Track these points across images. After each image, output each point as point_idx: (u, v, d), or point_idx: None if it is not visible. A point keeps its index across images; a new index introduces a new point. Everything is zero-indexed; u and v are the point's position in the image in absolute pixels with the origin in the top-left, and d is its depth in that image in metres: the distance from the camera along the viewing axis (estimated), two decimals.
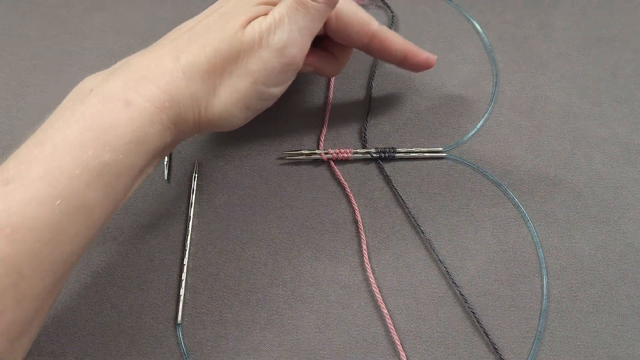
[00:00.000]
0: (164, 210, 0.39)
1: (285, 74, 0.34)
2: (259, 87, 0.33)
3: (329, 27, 0.36)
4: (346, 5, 0.36)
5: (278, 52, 0.32)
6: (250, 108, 0.34)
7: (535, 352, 0.35)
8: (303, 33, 0.33)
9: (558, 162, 0.41)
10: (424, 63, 0.39)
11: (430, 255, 0.38)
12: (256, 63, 0.32)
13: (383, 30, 0.37)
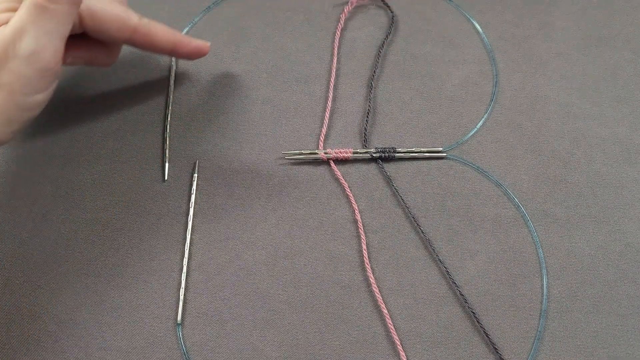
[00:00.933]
0: (164, 210, 0.39)
1: (44, 80, 0.32)
2: (18, 99, 0.31)
3: (85, 25, 0.35)
4: (99, 3, 0.35)
5: (29, 60, 0.31)
6: (14, 121, 0.32)
7: (535, 352, 0.35)
8: (52, 37, 0.31)
9: (558, 162, 0.41)
10: (196, 51, 0.39)
11: (430, 255, 0.38)
12: (7, 75, 0.31)
13: (145, 24, 0.36)
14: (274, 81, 0.44)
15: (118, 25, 0.35)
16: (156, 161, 0.41)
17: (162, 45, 0.38)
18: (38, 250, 0.38)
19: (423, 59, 0.45)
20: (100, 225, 0.39)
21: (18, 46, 0.30)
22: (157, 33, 0.37)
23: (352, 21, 0.46)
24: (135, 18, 0.36)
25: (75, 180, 0.40)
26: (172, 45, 0.38)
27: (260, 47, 0.45)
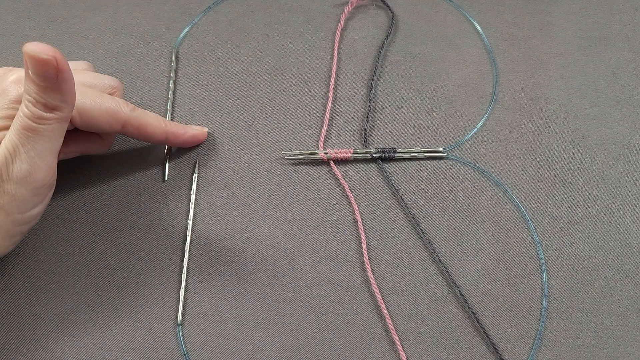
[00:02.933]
0: (164, 210, 0.39)
1: (40, 195, 0.32)
2: (15, 217, 0.31)
3: (75, 123, 0.34)
4: (89, 100, 0.34)
5: (23, 182, 0.30)
6: (13, 235, 0.32)
7: (535, 352, 0.35)
8: (44, 156, 0.31)
9: (558, 162, 0.41)
10: (191, 140, 0.39)
11: (430, 255, 0.38)
12: (2, 198, 0.30)
13: (136, 117, 0.36)
14: (274, 81, 0.44)
15: (109, 119, 0.35)
16: (156, 161, 0.41)
17: (154, 136, 0.37)
18: (38, 250, 0.38)
19: (423, 59, 0.45)
20: (100, 226, 0.39)
21: (11, 169, 0.30)
22: (150, 124, 0.37)
23: (352, 21, 0.46)
24: (125, 110, 0.35)
25: (75, 180, 0.40)
26: (165, 135, 0.38)
27: (260, 47, 0.45)
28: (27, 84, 0.30)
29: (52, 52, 0.28)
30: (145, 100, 0.43)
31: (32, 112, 0.30)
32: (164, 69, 0.44)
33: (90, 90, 0.35)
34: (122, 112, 0.35)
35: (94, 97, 0.34)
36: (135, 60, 0.45)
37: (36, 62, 0.29)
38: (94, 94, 0.34)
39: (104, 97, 0.35)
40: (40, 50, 0.28)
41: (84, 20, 0.46)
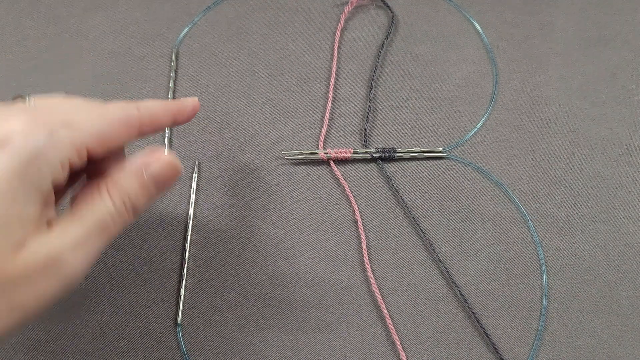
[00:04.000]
0: (164, 210, 0.39)
1: (62, 293, 0.26)
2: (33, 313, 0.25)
3: (97, 155, 0.28)
4: (102, 126, 0.27)
5: (67, 279, 0.25)
6: (31, 319, 0.26)
7: (535, 352, 0.35)
8: (100, 251, 0.26)
9: (558, 162, 0.41)
10: (192, 112, 0.33)
11: (430, 255, 0.38)
12: (32, 292, 0.24)
13: (145, 113, 0.30)
14: (274, 81, 0.44)
15: (126, 132, 0.29)
16: None
17: (163, 125, 0.31)
18: None
19: (423, 59, 0.45)
20: None
21: (63, 266, 0.25)
22: (158, 113, 0.31)
23: (352, 21, 0.46)
24: (134, 112, 0.29)
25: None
26: (173, 119, 0.32)
27: (260, 47, 0.45)
28: (130, 183, 0.27)
29: (179, 162, 0.27)
30: None
31: (120, 214, 0.27)
32: (164, 69, 0.44)
33: (88, 104, 0.28)
34: (131, 116, 0.29)
35: (102, 118, 0.28)
36: (135, 60, 0.45)
37: (172, 173, 0.27)
38: (97, 109, 0.28)
39: (106, 108, 0.28)
40: (177, 162, 0.27)
41: (84, 20, 0.46)
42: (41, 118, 0.26)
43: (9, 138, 0.24)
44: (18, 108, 0.27)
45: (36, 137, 0.25)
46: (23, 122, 0.25)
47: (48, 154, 0.25)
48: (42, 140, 0.25)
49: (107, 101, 0.28)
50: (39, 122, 0.25)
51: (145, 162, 0.28)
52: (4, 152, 0.24)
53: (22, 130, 0.25)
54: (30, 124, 0.25)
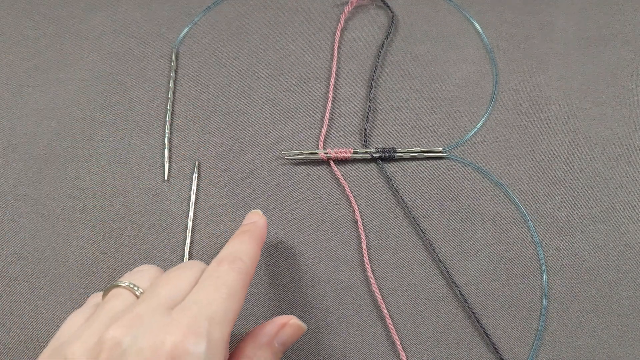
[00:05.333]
0: (164, 210, 0.39)
1: None
2: None
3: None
4: (234, 308, 0.28)
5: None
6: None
7: (535, 352, 0.35)
8: None
9: (558, 162, 0.41)
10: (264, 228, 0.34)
11: (430, 255, 0.38)
12: None
13: (250, 264, 0.30)
14: (274, 81, 0.44)
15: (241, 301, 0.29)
16: (157, 161, 0.41)
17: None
18: (38, 250, 0.38)
19: (423, 59, 0.45)
20: (100, 225, 0.39)
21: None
22: (256, 256, 0.32)
23: (352, 21, 0.46)
24: (248, 279, 0.30)
25: (75, 180, 0.40)
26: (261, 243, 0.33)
27: (260, 47, 0.45)
28: (265, 356, 0.29)
29: (302, 323, 0.30)
30: (145, 100, 0.43)
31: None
32: (164, 69, 0.44)
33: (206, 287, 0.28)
34: (247, 281, 0.30)
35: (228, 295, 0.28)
36: (135, 60, 0.45)
37: (299, 334, 0.30)
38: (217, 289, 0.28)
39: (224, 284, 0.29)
40: (301, 324, 0.30)
41: (83, 20, 0.46)
42: (194, 326, 0.26)
43: (178, 355, 0.25)
44: (166, 316, 0.27)
45: (213, 349, 0.26)
46: (183, 335, 0.25)
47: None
48: (215, 351, 0.26)
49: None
50: (197, 331, 0.26)
51: (274, 332, 0.30)
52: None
53: (191, 346, 0.25)
54: (190, 336, 0.26)
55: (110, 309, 0.28)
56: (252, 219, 0.34)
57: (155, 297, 0.28)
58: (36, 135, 0.42)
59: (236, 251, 0.30)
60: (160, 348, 0.25)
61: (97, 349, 0.26)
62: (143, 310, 0.27)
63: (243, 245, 0.31)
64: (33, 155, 0.41)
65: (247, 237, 0.32)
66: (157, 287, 0.28)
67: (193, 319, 0.26)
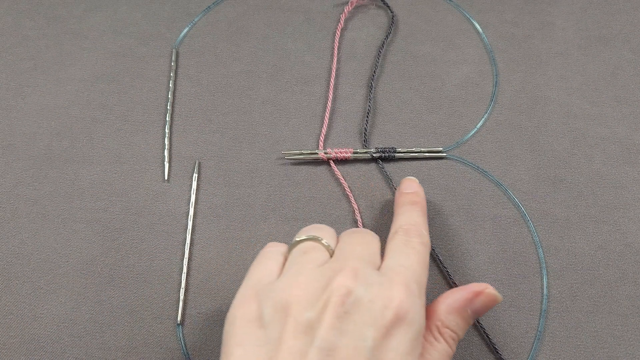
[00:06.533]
0: (164, 210, 0.39)
1: None
2: None
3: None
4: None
5: None
6: None
7: (535, 352, 0.35)
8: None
9: (558, 162, 0.41)
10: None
11: (431, 255, 0.38)
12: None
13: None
14: (274, 81, 0.44)
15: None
16: (157, 161, 0.41)
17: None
18: (38, 250, 0.38)
19: (423, 59, 0.45)
20: (100, 225, 0.39)
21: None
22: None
23: (352, 21, 0.46)
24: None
25: (75, 180, 0.40)
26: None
27: (260, 47, 0.45)
28: (457, 322, 0.29)
29: (498, 293, 0.30)
30: (145, 100, 0.43)
31: (452, 351, 0.29)
32: (164, 69, 0.44)
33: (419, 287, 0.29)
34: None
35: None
36: (135, 60, 0.45)
37: (493, 305, 0.29)
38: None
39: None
40: (497, 294, 0.29)
41: (84, 20, 0.46)
42: (409, 287, 0.27)
43: (403, 313, 0.26)
44: (380, 275, 0.28)
45: (422, 313, 0.27)
46: (405, 294, 0.27)
47: (424, 327, 0.28)
48: (423, 315, 0.27)
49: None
50: (412, 291, 0.27)
51: (469, 299, 0.30)
52: (404, 330, 0.26)
53: (410, 305, 0.26)
54: (409, 296, 0.27)
55: (313, 259, 0.29)
56: (413, 187, 0.36)
57: (358, 255, 0.29)
58: (36, 135, 0.42)
59: (417, 224, 0.32)
60: (390, 303, 0.26)
61: (326, 295, 0.26)
62: (356, 264, 0.27)
63: (420, 219, 0.33)
64: (33, 155, 0.41)
65: (420, 211, 0.34)
66: (355, 246, 0.29)
67: (407, 281, 0.27)
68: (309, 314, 0.25)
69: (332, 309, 0.25)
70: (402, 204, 0.34)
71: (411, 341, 0.26)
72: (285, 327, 0.25)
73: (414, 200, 0.34)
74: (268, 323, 0.26)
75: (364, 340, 0.25)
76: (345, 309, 0.25)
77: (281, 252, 0.31)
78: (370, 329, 0.25)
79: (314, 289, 0.26)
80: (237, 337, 0.26)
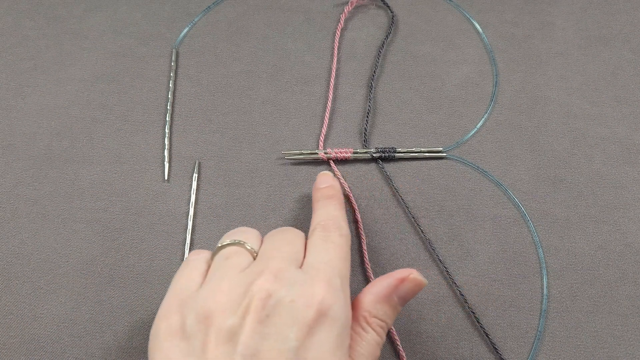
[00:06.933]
0: (164, 210, 0.39)
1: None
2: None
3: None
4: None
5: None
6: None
7: (535, 352, 0.35)
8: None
9: (558, 162, 0.41)
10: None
11: (430, 255, 0.38)
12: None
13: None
14: (274, 81, 0.44)
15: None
16: (156, 161, 0.41)
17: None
18: (38, 250, 0.38)
19: (423, 59, 0.45)
20: (100, 225, 0.39)
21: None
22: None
23: (352, 21, 0.46)
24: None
25: (75, 180, 0.40)
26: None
27: (260, 47, 0.45)
28: (384, 310, 0.29)
29: (422, 277, 0.29)
30: (145, 100, 0.43)
31: (381, 338, 0.29)
32: (164, 69, 0.44)
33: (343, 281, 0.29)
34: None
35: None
36: (135, 60, 0.45)
37: (418, 289, 0.29)
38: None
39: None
40: (421, 278, 0.29)
41: (83, 20, 0.46)
42: (331, 282, 0.28)
43: (325, 309, 0.26)
44: (302, 273, 0.28)
45: (346, 307, 0.27)
46: (326, 290, 0.27)
47: (350, 320, 0.28)
48: (348, 308, 0.28)
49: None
50: (335, 287, 0.27)
51: (394, 286, 0.30)
52: (328, 326, 0.26)
53: (333, 300, 0.27)
54: (332, 292, 0.27)
55: (235, 264, 0.28)
56: (327, 181, 0.36)
57: (280, 256, 0.28)
58: (36, 135, 0.42)
59: (335, 217, 0.32)
60: (310, 301, 0.26)
61: (247, 300, 0.26)
62: (278, 265, 0.27)
63: (337, 212, 0.33)
64: (33, 155, 0.41)
65: (337, 204, 0.33)
66: (279, 246, 0.29)
67: (328, 277, 0.27)
68: (230, 321, 0.25)
69: (253, 313, 0.25)
70: (318, 199, 0.34)
71: (337, 336, 0.26)
72: (208, 337, 0.25)
73: (329, 194, 0.34)
74: (191, 334, 0.26)
75: (287, 341, 0.25)
76: (266, 312, 0.25)
77: (204, 259, 0.31)
78: (293, 329, 0.25)
79: (235, 295, 0.26)
80: (161, 351, 0.26)
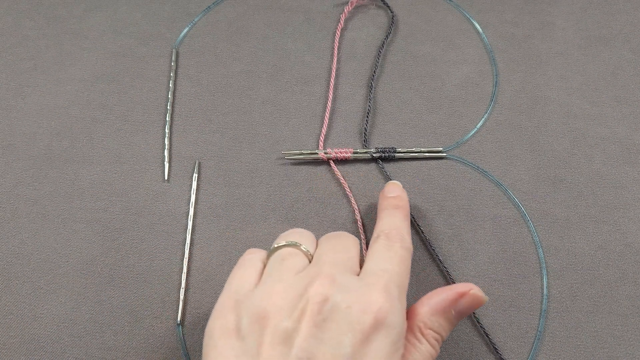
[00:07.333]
0: (164, 210, 0.39)
1: None
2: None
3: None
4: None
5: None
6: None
7: (535, 352, 0.35)
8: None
9: (558, 162, 0.41)
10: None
11: (430, 255, 0.38)
12: None
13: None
14: (274, 81, 0.44)
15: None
16: (156, 161, 0.41)
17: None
18: (38, 250, 0.38)
19: (423, 59, 0.45)
20: (100, 225, 0.39)
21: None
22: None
23: (352, 21, 0.46)
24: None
25: (75, 180, 0.40)
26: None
27: (260, 47, 0.45)
28: (440, 323, 0.29)
29: (483, 294, 0.29)
30: (145, 100, 0.43)
31: (436, 352, 0.29)
32: (164, 69, 0.44)
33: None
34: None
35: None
36: (135, 60, 0.45)
37: (477, 306, 0.29)
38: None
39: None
40: (482, 295, 0.29)
41: (84, 20, 0.47)
42: (389, 291, 0.27)
43: (382, 318, 0.26)
44: (358, 280, 0.28)
45: (402, 317, 0.27)
46: (384, 298, 0.27)
47: (405, 330, 0.28)
48: (404, 317, 0.27)
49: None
50: (392, 296, 0.27)
51: (453, 300, 0.30)
52: (383, 335, 0.26)
53: (390, 309, 0.26)
54: (389, 300, 0.27)
55: (291, 266, 0.28)
56: (396, 191, 0.35)
57: (336, 261, 0.28)
58: (36, 135, 0.42)
59: (399, 228, 0.32)
60: (368, 308, 0.26)
61: (302, 303, 0.26)
62: (334, 271, 0.27)
63: (403, 223, 0.32)
64: (33, 155, 0.41)
65: (402, 215, 0.33)
66: (335, 251, 0.29)
67: (387, 285, 0.27)
68: (286, 323, 0.26)
69: (309, 317, 0.25)
70: (384, 207, 0.34)
71: (391, 345, 0.26)
72: (263, 337, 0.25)
73: (397, 205, 0.34)
74: (246, 334, 0.26)
75: (342, 347, 0.25)
76: (322, 317, 0.25)
77: (260, 258, 0.31)
78: (349, 335, 0.25)
79: (291, 297, 0.26)
80: (216, 349, 0.26)
